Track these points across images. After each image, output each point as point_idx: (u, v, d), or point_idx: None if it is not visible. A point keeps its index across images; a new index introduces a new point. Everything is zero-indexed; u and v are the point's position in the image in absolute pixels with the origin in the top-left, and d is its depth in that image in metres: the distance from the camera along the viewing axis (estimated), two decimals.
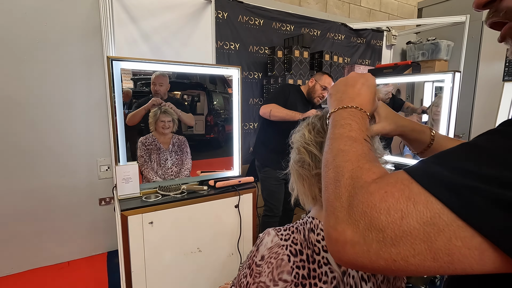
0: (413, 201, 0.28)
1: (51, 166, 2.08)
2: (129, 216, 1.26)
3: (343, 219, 0.31)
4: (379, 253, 0.28)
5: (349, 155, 0.37)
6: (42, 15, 1.93)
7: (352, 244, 0.30)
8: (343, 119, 0.44)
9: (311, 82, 2.13)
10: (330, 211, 0.33)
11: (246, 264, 0.61)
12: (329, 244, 0.32)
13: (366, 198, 0.30)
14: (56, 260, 2.19)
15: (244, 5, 2.55)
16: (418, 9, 4.07)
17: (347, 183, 0.33)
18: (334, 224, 0.32)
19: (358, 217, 0.30)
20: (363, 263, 0.30)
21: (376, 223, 0.29)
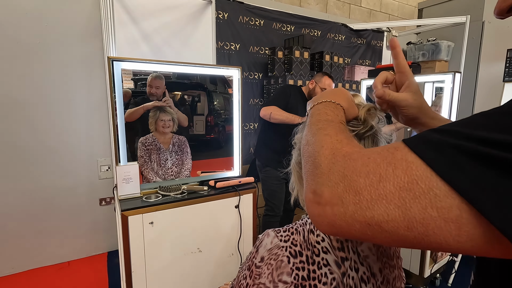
0: (393, 166, 0.28)
1: (52, 166, 2.08)
2: (129, 216, 1.27)
3: (323, 183, 0.31)
4: (355, 216, 0.28)
5: (327, 130, 0.39)
6: (43, 16, 1.94)
7: (331, 206, 0.30)
8: (318, 110, 0.47)
9: (311, 84, 2.13)
10: (310, 179, 0.34)
11: (245, 266, 0.61)
12: (309, 208, 0.33)
13: (348, 164, 0.31)
14: (57, 260, 2.19)
15: (245, 6, 2.56)
16: (419, 9, 4.07)
17: (326, 153, 0.34)
18: (313, 188, 0.32)
19: (337, 180, 0.30)
20: (340, 226, 0.30)
21: (354, 185, 0.29)
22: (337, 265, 0.53)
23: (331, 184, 0.31)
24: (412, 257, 1.82)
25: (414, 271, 1.83)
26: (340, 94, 0.52)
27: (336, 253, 0.54)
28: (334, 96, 0.50)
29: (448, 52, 3.29)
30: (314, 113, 0.47)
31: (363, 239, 0.30)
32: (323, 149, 0.35)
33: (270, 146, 2.11)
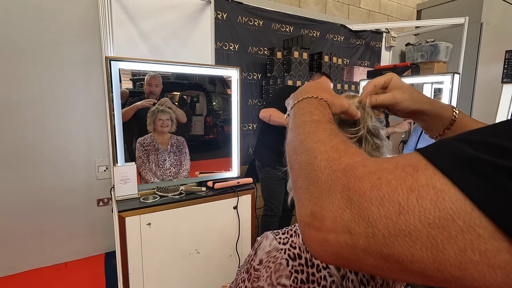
0: (417, 194, 0.22)
1: (49, 166, 2.07)
2: (127, 217, 1.26)
3: (322, 205, 0.26)
4: (368, 250, 0.23)
5: (317, 135, 0.33)
6: (40, 14, 1.92)
7: (335, 234, 0.25)
8: (301, 109, 0.41)
9: None
10: (305, 198, 0.28)
11: (244, 269, 0.60)
12: (306, 233, 0.27)
13: (352, 183, 0.25)
14: (54, 261, 2.18)
15: (244, 6, 2.55)
16: (417, 10, 4.08)
17: (322, 165, 0.29)
18: (311, 209, 0.27)
19: (342, 204, 0.25)
20: (348, 259, 0.25)
21: (364, 214, 0.23)
22: (337, 268, 0.53)
23: (334, 209, 0.25)
24: None
25: None
26: (320, 86, 0.47)
27: None
28: (314, 90, 0.45)
29: (446, 53, 3.30)
30: (296, 113, 0.41)
31: (377, 274, 0.25)
32: (317, 160, 0.29)
33: (270, 146, 2.11)
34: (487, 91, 3.19)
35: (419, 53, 3.45)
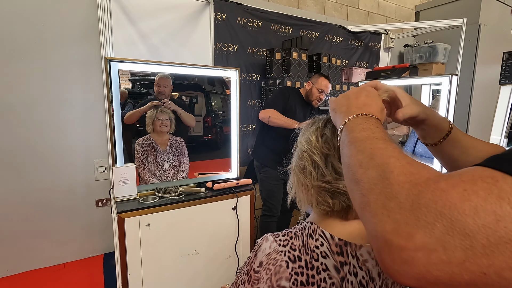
0: (508, 201, 0.22)
1: (47, 167, 2.06)
2: (126, 218, 1.26)
3: (407, 221, 0.25)
4: (465, 264, 0.22)
5: (388, 151, 0.32)
6: (40, 15, 1.92)
7: (426, 252, 0.24)
8: (359, 125, 0.40)
9: (308, 85, 2.14)
10: (382, 214, 0.27)
11: (244, 270, 0.60)
12: (389, 253, 0.26)
13: (439, 197, 0.24)
14: (52, 262, 2.17)
15: (243, 7, 2.55)
16: (416, 12, 4.09)
17: (400, 179, 0.28)
18: (392, 227, 0.25)
19: (431, 219, 0.24)
20: (438, 277, 0.24)
21: (460, 227, 0.23)
22: (336, 269, 0.53)
23: (423, 224, 0.24)
24: None
25: None
26: (372, 99, 0.47)
27: (335, 258, 0.54)
28: (366, 106, 0.45)
29: (445, 54, 3.31)
30: (354, 129, 0.40)
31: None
32: (394, 174, 0.28)
33: (269, 147, 2.11)
34: (485, 92, 3.21)
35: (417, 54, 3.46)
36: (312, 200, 0.58)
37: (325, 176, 0.55)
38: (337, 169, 0.55)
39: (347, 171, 0.35)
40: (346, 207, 0.56)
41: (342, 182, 0.55)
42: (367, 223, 0.29)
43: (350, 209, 0.56)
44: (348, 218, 0.57)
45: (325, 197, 0.56)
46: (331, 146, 0.56)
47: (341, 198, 0.56)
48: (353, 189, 0.33)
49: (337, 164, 0.55)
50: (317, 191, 0.57)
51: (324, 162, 0.56)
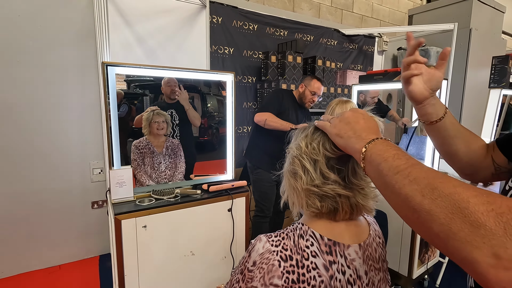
0: None
1: (43, 169, 2.07)
2: (122, 220, 1.27)
3: (507, 246, 0.29)
4: None
5: (447, 179, 0.36)
6: (36, 18, 1.93)
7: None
8: (386, 151, 0.45)
9: (301, 87, 2.18)
10: (476, 241, 0.30)
11: (238, 270, 0.63)
12: (495, 274, 0.29)
13: (496, 220, 0.29)
14: (47, 264, 2.17)
15: (238, 10, 2.58)
16: (409, 16, 4.16)
17: (482, 209, 0.31)
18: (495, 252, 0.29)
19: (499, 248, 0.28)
20: None
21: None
22: (325, 268, 0.56)
23: None
24: (401, 259, 1.87)
25: (403, 272, 1.87)
26: (370, 121, 0.54)
27: (325, 257, 0.57)
28: (371, 129, 0.52)
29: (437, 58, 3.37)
30: (387, 157, 0.44)
31: None
32: (471, 204, 0.32)
33: (263, 148, 2.13)
34: (476, 95, 3.27)
35: None
36: (302, 203, 0.61)
37: (314, 180, 0.59)
38: (325, 174, 0.58)
39: (403, 200, 0.38)
40: (333, 209, 0.59)
41: (329, 186, 0.58)
42: (457, 250, 0.32)
43: (338, 211, 0.59)
44: (337, 220, 0.61)
45: (314, 200, 0.59)
46: (319, 152, 0.59)
47: (329, 202, 0.59)
48: (415, 217, 0.37)
49: (325, 169, 0.58)
50: (306, 194, 0.60)
51: (313, 167, 0.59)
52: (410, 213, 0.37)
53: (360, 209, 0.61)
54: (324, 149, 0.59)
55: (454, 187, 0.34)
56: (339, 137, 0.54)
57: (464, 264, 0.32)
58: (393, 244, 1.87)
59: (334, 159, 0.59)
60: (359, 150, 0.49)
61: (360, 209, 0.61)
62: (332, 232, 0.60)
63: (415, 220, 0.37)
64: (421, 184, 0.37)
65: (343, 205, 0.59)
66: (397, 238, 1.86)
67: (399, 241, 1.86)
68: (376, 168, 0.44)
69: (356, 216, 0.63)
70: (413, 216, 0.37)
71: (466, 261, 0.32)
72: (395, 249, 1.88)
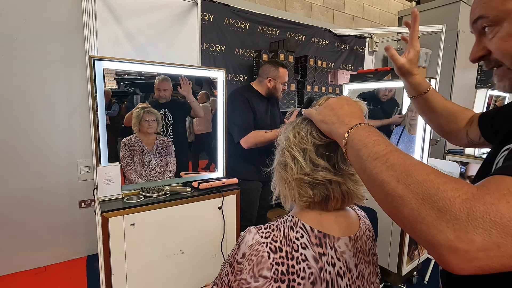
0: None
1: (29, 166, 2.01)
2: (110, 218, 1.24)
3: (467, 230, 0.32)
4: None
5: (422, 166, 0.38)
6: (21, 11, 1.88)
7: (486, 252, 0.31)
8: (367, 137, 0.46)
9: (269, 82, 1.96)
10: (441, 225, 0.33)
11: (227, 263, 0.62)
12: (454, 256, 0.32)
13: (489, 209, 0.31)
14: (32, 265, 2.11)
15: (230, 8, 2.57)
16: (399, 17, 4.23)
17: (450, 195, 0.34)
18: (456, 236, 0.32)
19: (487, 227, 0.31)
20: (494, 268, 0.31)
21: (510, 230, 0.30)
22: (315, 260, 0.55)
23: (481, 232, 0.31)
24: (391, 256, 1.88)
25: (392, 269, 1.88)
26: (354, 106, 0.55)
27: (315, 249, 0.56)
28: (354, 114, 0.53)
29: (426, 58, 3.43)
30: (367, 142, 0.45)
31: (506, 270, 0.32)
32: (440, 191, 0.34)
33: (247, 159, 1.97)
34: (463, 95, 3.34)
35: None
36: (294, 194, 0.61)
37: (304, 169, 0.58)
38: (314, 161, 0.58)
39: (379, 185, 0.40)
40: (325, 197, 0.59)
41: (319, 173, 0.58)
42: (424, 233, 0.35)
43: (330, 199, 0.59)
44: (329, 208, 0.60)
45: (306, 189, 0.59)
46: (307, 140, 0.59)
47: (320, 189, 0.59)
48: (388, 200, 0.39)
49: (314, 157, 0.59)
50: (298, 184, 0.60)
51: (303, 156, 0.59)
52: (384, 197, 0.39)
53: (352, 197, 0.61)
54: (312, 137, 0.59)
55: (427, 174, 0.36)
56: (324, 123, 0.55)
57: (429, 247, 0.35)
58: (383, 241, 1.89)
59: (323, 147, 0.59)
60: (341, 135, 0.50)
61: (352, 196, 0.61)
62: (323, 224, 0.59)
63: (388, 204, 0.39)
64: (397, 171, 0.39)
65: (334, 192, 0.59)
66: (387, 235, 1.87)
67: (388, 238, 1.88)
68: (357, 154, 0.45)
69: (348, 204, 0.63)
70: (386, 199, 0.39)
71: (431, 244, 0.34)
72: (384, 246, 1.90)
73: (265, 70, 1.99)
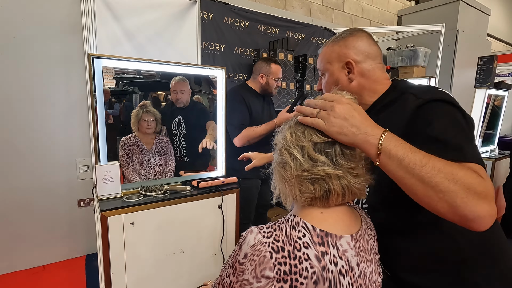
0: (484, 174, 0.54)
1: (27, 166, 2.00)
2: (109, 217, 1.24)
3: (482, 201, 0.49)
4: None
5: (455, 166, 0.53)
6: (20, 9, 1.86)
7: (492, 215, 0.50)
8: (399, 146, 0.55)
9: (261, 78, 2.01)
10: (483, 204, 0.49)
11: (229, 264, 0.61)
12: (491, 219, 0.50)
13: (484, 187, 0.50)
14: (31, 264, 2.10)
15: (230, 7, 2.56)
16: (398, 16, 4.23)
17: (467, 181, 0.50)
18: (491, 208, 0.50)
19: (490, 198, 0.50)
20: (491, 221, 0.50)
21: (493, 197, 0.51)
22: (317, 259, 0.55)
23: (488, 201, 0.50)
24: None
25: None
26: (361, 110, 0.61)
27: (317, 248, 0.56)
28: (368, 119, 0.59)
29: (425, 58, 3.44)
30: (399, 152, 0.54)
31: None
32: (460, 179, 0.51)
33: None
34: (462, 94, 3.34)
35: (399, 58, 3.58)
36: (295, 191, 0.60)
37: (303, 165, 0.58)
38: (313, 157, 0.58)
39: (432, 186, 0.51)
40: (327, 191, 0.59)
41: (319, 168, 0.58)
42: (472, 212, 0.49)
43: (330, 194, 0.59)
44: (330, 204, 0.60)
45: (307, 185, 0.59)
46: (305, 138, 0.60)
47: (321, 183, 0.59)
48: (440, 196, 0.51)
49: (312, 152, 0.59)
50: (298, 181, 0.59)
51: (301, 153, 0.59)
52: (436, 193, 0.51)
53: (352, 191, 0.60)
54: (309, 135, 0.60)
55: (460, 170, 0.52)
56: (343, 135, 0.57)
57: (473, 220, 0.49)
58: None
59: (321, 143, 0.59)
60: (374, 146, 0.56)
61: (352, 191, 0.60)
62: (324, 223, 0.59)
63: (440, 199, 0.51)
64: (444, 172, 0.51)
65: (335, 186, 0.58)
66: None
67: None
68: (399, 163, 0.54)
69: (349, 199, 0.62)
70: (438, 196, 0.51)
71: (475, 216, 0.49)
72: None
73: (257, 67, 2.03)
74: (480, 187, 0.49)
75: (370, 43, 0.81)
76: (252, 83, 2.08)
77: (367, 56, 0.80)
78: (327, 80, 0.85)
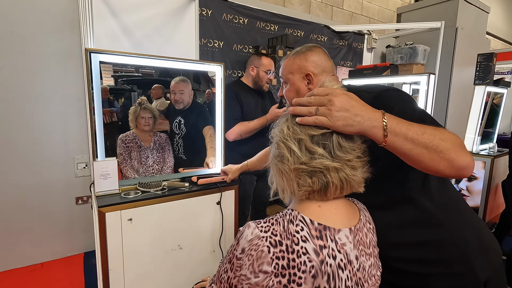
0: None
1: (25, 163, 1.99)
2: (107, 213, 1.23)
3: (465, 151, 0.60)
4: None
5: (443, 130, 0.62)
6: (16, 5, 1.85)
7: (473, 160, 0.60)
8: (398, 122, 0.59)
9: (252, 71, 2.02)
10: (469, 156, 0.59)
11: (226, 259, 0.61)
12: (466, 170, 0.59)
13: (460, 140, 0.61)
14: (29, 262, 2.09)
15: (229, 4, 2.55)
16: (397, 14, 4.22)
17: (454, 142, 0.59)
18: (465, 158, 0.58)
19: (469, 154, 0.59)
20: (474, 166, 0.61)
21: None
22: (316, 253, 0.54)
23: (470, 156, 0.60)
24: None
25: None
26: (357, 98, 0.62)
27: (315, 242, 0.55)
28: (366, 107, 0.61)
29: (424, 55, 3.43)
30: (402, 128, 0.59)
31: None
32: (461, 141, 0.62)
33: (240, 152, 1.92)
34: (462, 92, 3.34)
35: (398, 55, 3.57)
36: (293, 185, 0.60)
37: (301, 158, 0.58)
38: (310, 149, 0.58)
39: (434, 148, 0.58)
40: (325, 184, 0.58)
41: (316, 160, 0.57)
42: (463, 162, 0.58)
43: (329, 187, 0.58)
44: (328, 197, 0.60)
45: (305, 178, 0.58)
46: (301, 131, 0.59)
47: (319, 176, 0.58)
48: (441, 156, 0.58)
49: (309, 145, 0.58)
50: (296, 174, 0.59)
51: (298, 146, 0.59)
52: (437, 154, 0.58)
53: (350, 184, 0.60)
54: (305, 128, 0.59)
55: (449, 133, 0.62)
56: (350, 126, 0.58)
57: (462, 169, 0.59)
58: None
59: (318, 136, 0.58)
60: (380, 129, 0.58)
61: (350, 183, 0.60)
62: (322, 216, 0.59)
63: (441, 158, 0.58)
64: (439, 135, 0.59)
65: (333, 179, 0.58)
66: None
67: None
68: (405, 136, 0.58)
69: (347, 192, 0.62)
70: (439, 155, 0.58)
71: (464, 166, 0.59)
72: None
73: (249, 61, 2.05)
74: (459, 140, 0.60)
75: (326, 59, 0.96)
76: (245, 79, 2.09)
77: (324, 70, 0.94)
78: (289, 88, 0.97)
